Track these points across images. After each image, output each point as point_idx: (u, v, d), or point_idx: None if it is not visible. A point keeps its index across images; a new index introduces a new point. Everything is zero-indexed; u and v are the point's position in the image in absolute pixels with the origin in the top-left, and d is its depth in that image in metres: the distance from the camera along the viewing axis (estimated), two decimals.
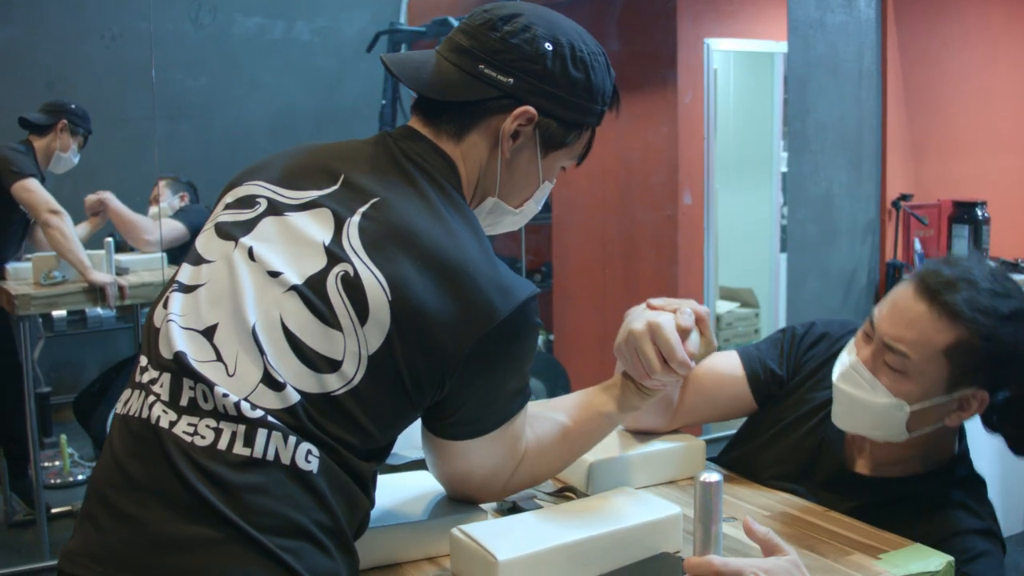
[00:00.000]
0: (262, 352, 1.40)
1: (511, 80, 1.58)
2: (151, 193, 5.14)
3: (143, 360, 1.47)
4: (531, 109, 1.59)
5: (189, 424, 1.37)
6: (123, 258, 4.93)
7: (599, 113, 1.67)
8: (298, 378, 1.40)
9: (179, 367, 1.41)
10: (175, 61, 5.73)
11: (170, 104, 5.13)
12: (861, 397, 1.81)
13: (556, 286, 5.56)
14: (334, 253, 1.45)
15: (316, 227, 1.49)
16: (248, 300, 1.44)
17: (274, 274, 1.45)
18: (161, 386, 1.41)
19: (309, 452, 1.37)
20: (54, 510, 5.02)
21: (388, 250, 1.45)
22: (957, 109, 4.78)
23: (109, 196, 5.00)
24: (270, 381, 1.39)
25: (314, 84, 6.67)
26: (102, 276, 4.58)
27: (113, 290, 4.56)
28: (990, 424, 1.91)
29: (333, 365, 1.41)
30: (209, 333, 1.43)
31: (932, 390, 1.79)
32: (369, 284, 1.42)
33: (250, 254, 1.48)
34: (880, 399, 1.79)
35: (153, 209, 5.08)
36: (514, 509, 1.80)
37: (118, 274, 4.71)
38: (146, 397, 1.42)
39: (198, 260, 1.53)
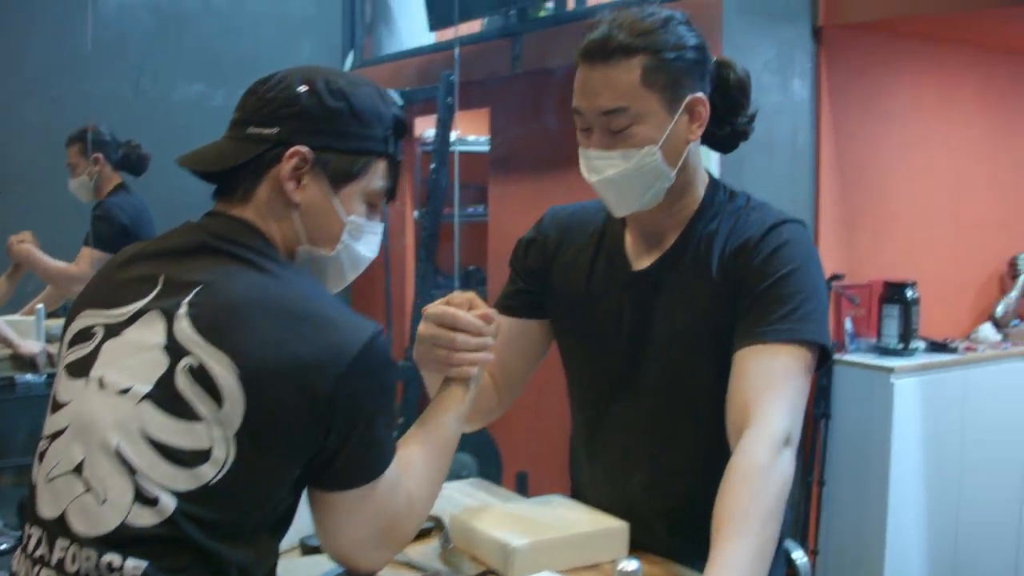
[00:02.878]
0: (132, 470, 1.46)
1: (276, 129, 1.64)
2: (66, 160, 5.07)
3: (28, 517, 1.55)
4: (301, 148, 1.64)
5: None
6: (54, 324, 4.88)
7: (381, 138, 1.71)
8: (174, 480, 1.45)
9: (56, 527, 1.48)
10: (115, 125, 5.71)
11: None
12: (622, 173, 1.91)
13: (491, 295, 5.53)
14: (173, 350, 1.50)
15: (149, 332, 1.53)
16: (106, 424, 1.49)
17: (124, 391, 1.50)
18: (43, 546, 1.49)
19: None
20: None
21: (224, 327, 1.49)
22: (890, 188, 4.84)
23: (29, 249, 4.94)
24: (143, 499, 1.44)
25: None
26: (31, 346, 4.54)
27: (43, 358, 4.52)
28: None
29: (203, 456, 1.46)
30: (79, 468, 1.49)
31: (662, 117, 1.89)
32: (214, 368, 1.47)
33: (100, 383, 1.53)
34: (635, 160, 1.89)
35: (74, 182, 5.01)
36: None
37: (49, 341, 4.66)
38: (32, 567, 1.50)
39: (56, 407, 1.58)
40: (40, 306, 4.78)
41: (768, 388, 1.77)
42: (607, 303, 2.09)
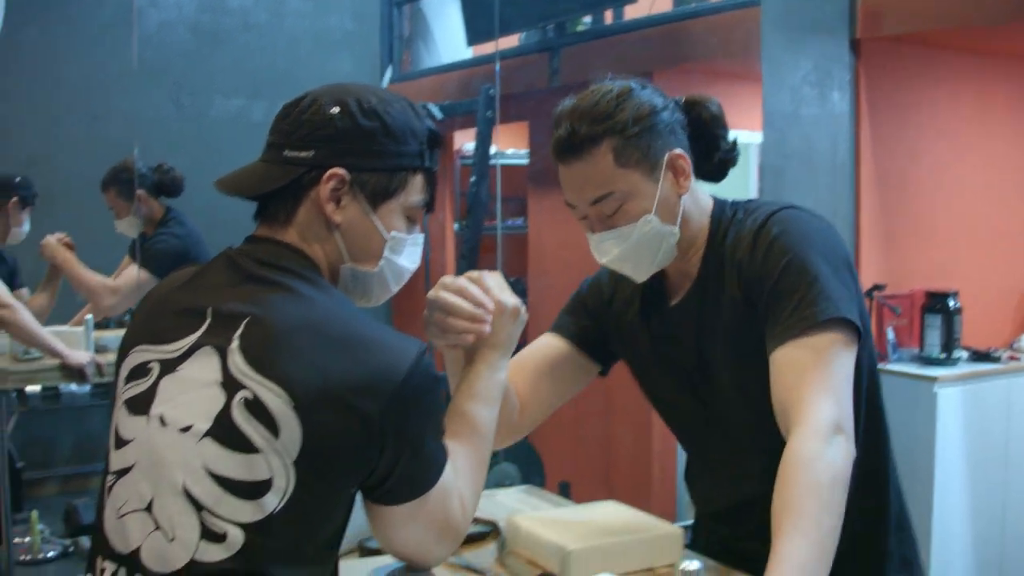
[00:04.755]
0: (199, 507, 1.49)
1: (311, 152, 1.66)
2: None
3: (99, 550, 1.58)
4: (339, 170, 1.66)
5: None
6: (102, 336, 4.93)
7: (417, 153, 1.73)
8: (239, 513, 1.48)
9: (132, 563, 1.51)
10: (155, 141, 5.77)
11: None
12: (627, 248, 1.96)
13: (531, 308, 5.55)
14: (229, 385, 1.52)
15: (204, 369, 1.55)
16: (172, 463, 1.52)
17: (185, 429, 1.53)
18: None
19: None
20: None
21: (273, 357, 1.52)
22: (930, 199, 4.84)
23: (68, 254, 4.97)
24: (210, 535, 1.48)
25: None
26: (79, 356, 4.57)
27: (91, 369, 4.55)
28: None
29: (265, 486, 1.48)
30: (149, 507, 1.53)
31: (647, 187, 1.93)
32: (269, 400, 1.49)
33: (162, 421, 1.56)
34: (636, 232, 1.94)
35: (121, 223, 5.07)
36: None
37: (97, 351, 4.70)
38: None
39: (120, 443, 1.61)
40: (89, 316, 4.83)
41: (802, 383, 1.77)
42: (663, 347, 2.14)
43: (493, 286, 1.88)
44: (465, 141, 7.05)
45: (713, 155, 2.06)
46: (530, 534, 2.04)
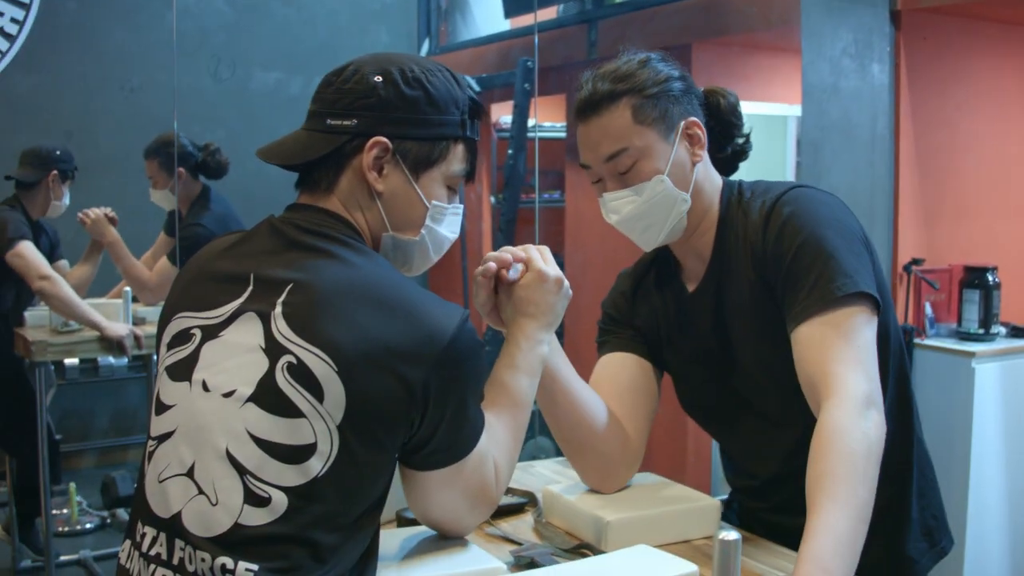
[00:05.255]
0: (242, 472, 1.49)
1: (354, 121, 1.67)
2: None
3: (141, 516, 1.59)
4: (381, 138, 1.67)
5: None
6: (141, 308, 4.95)
7: (458, 122, 1.73)
8: (283, 477, 1.49)
9: (173, 527, 1.52)
10: (193, 114, 5.79)
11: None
12: (639, 207, 1.98)
13: (569, 279, 5.54)
14: (272, 350, 1.53)
15: (248, 334, 1.56)
16: (214, 428, 1.53)
17: (228, 394, 1.54)
18: (160, 545, 1.53)
19: None
20: (62, 557, 5.02)
21: (317, 322, 1.52)
22: (969, 174, 4.80)
23: (118, 239, 4.99)
24: (254, 499, 1.48)
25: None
26: (118, 329, 4.58)
27: (130, 341, 4.57)
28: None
29: (310, 450, 1.49)
30: (191, 472, 1.53)
31: (662, 148, 1.97)
32: (313, 364, 1.50)
33: (204, 386, 1.57)
34: (646, 191, 1.96)
35: (157, 194, 5.06)
36: (531, 565, 1.82)
37: (135, 324, 4.71)
38: (146, 565, 1.54)
39: (161, 408, 1.62)
40: (127, 289, 4.86)
41: (829, 358, 1.77)
42: (684, 333, 2.15)
43: (535, 255, 1.90)
44: (502, 114, 7.03)
45: (726, 146, 2.10)
46: (567, 505, 2.05)
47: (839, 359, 1.76)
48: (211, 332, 1.60)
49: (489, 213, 6.99)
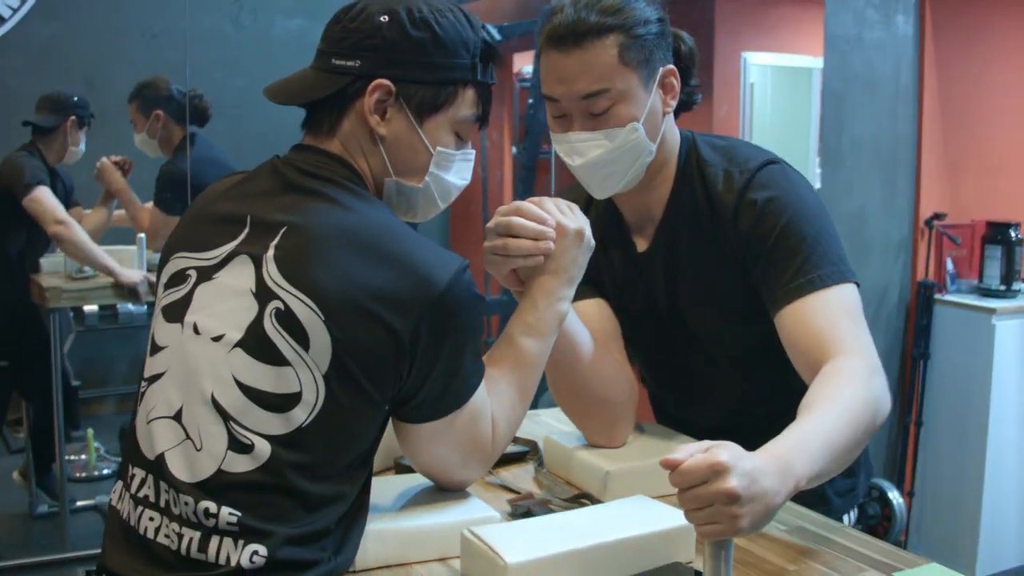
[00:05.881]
0: (227, 418, 1.47)
1: (358, 62, 1.62)
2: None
3: (131, 457, 1.58)
4: (384, 81, 1.61)
5: (167, 527, 1.48)
6: (156, 255, 4.94)
7: (468, 66, 1.67)
8: (267, 425, 1.46)
9: (158, 469, 1.51)
10: (214, 61, 5.75)
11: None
12: (607, 153, 1.87)
13: None
14: (262, 295, 1.50)
15: (240, 277, 1.53)
16: (202, 372, 1.50)
17: (217, 338, 1.51)
18: (148, 487, 1.52)
19: (255, 553, 1.43)
20: (78, 503, 5.05)
21: (308, 269, 1.49)
22: (994, 128, 4.74)
23: (126, 187, 4.97)
24: (237, 446, 1.46)
25: None
26: (132, 275, 4.58)
27: (144, 287, 4.56)
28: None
29: (294, 399, 1.46)
30: (178, 416, 1.51)
31: (641, 94, 1.86)
32: (300, 312, 1.47)
33: (195, 329, 1.54)
34: (619, 139, 1.85)
35: (138, 138, 5.06)
36: (528, 514, 1.80)
37: (150, 270, 4.71)
38: (135, 507, 1.53)
39: (155, 349, 1.60)
40: (141, 235, 4.84)
41: (830, 330, 1.72)
42: (632, 290, 2.09)
43: (552, 209, 1.81)
44: (524, 63, 6.97)
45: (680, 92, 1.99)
46: (568, 454, 2.02)
47: (839, 330, 1.73)
48: (206, 274, 1.58)
49: (510, 163, 6.95)
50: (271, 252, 1.52)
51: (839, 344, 1.70)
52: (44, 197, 4.58)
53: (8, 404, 5.00)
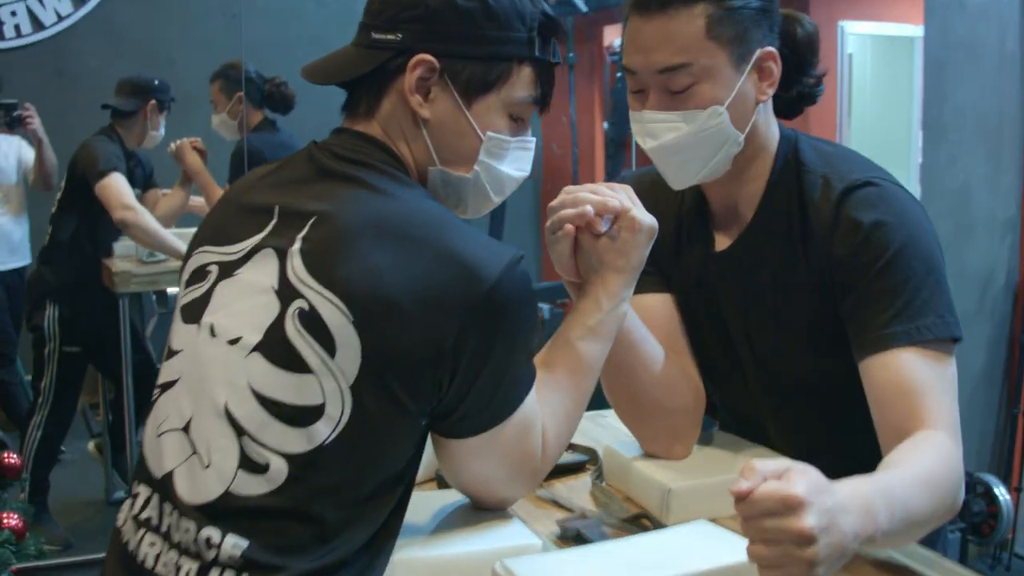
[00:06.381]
0: (240, 432, 1.31)
1: (399, 35, 1.46)
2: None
3: (138, 473, 1.43)
4: (426, 56, 1.44)
5: (166, 555, 1.33)
6: None
7: (524, 40, 1.49)
8: (284, 441, 1.30)
9: (164, 489, 1.36)
10: (297, 39, 5.67)
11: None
12: (685, 137, 1.65)
13: None
14: (284, 293, 1.34)
15: (262, 273, 1.38)
16: (215, 379, 1.35)
17: (234, 341, 1.35)
18: (152, 508, 1.37)
19: None
20: None
21: (336, 263, 1.32)
22: None
23: (203, 168, 4.95)
24: (250, 465, 1.30)
25: None
26: None
27: None
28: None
29: (316, 412, 1.30)
30: (188, 427, 1.36)
31: (729, 75, 1.64)
32: (326, 312, 1.30)
33: (211, 331, 1.39)
34: (698, 122, 1.64)
35: (216, 118, 5.08)
36: (578, 538, 1.62)
37: None
38: (136, 530, 1.38)
39: (169, 354, 1.46)
40: None
41: (922, 395, 1.53)
42: (701, 290, 1.87)
43: (625, 199, 1.60)
44: (615, 36, 6.81)
45: (793, 85, 1.76)
46: (627, 467, 1.82)
47: (938, 396, 1.54)
48: (227, 270, 1.42)
49: (601, 139, 6.83)
50: (297, 245, 1.35)
51: (930, 414, 1.52)
52: (114, 183, 4.54)
53: (81, 388, 4.97)
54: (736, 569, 1.41)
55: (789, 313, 1.75)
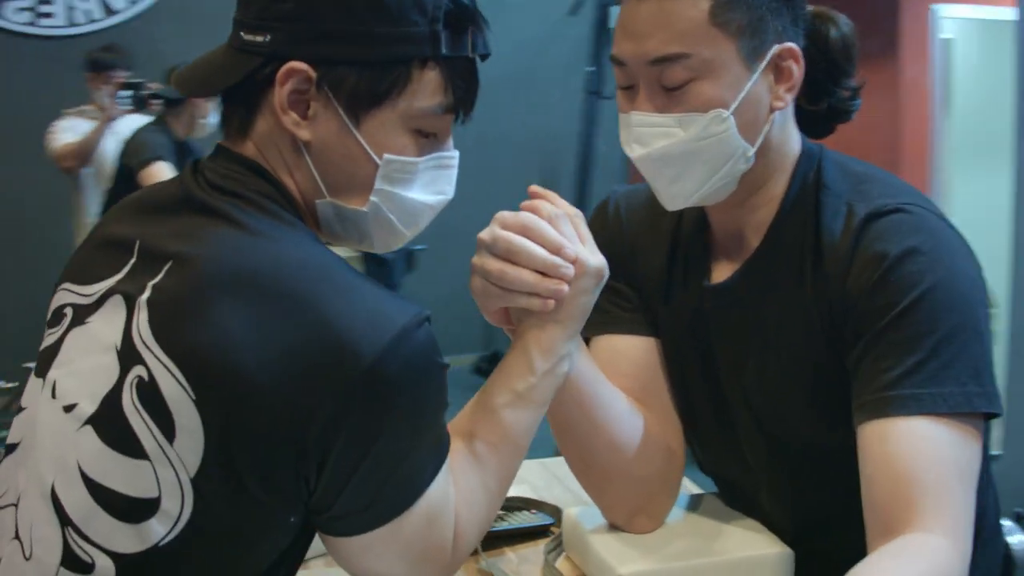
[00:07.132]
0: (65, 521, 1.08)
1: (268, 36, 1.15)
2: None
3: None
4: (299, 64, 1.15)
5: None
6: None
7: (425, 36, 1.17)
8: (112, 538, 1.06)
9: None
10: None
11: None
12: (679, 144, 1.33)
13: None
14: (126, 354, 1.09)
15: (109, 325, 1.12)
16: (46, 453, 1.12)
17: (70, 408, 1.11)
18: None
19: None
20: None
21: (183, 324, 1.06)
22: None
23: None
24: (73, 562, 1.07)
25: (517, 52, 6.29)
26: None
27: None
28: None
29: (150, 507, 1.05)
30: (17, 504, 1.14)
31: (736, 72, 1.33)
32: (166, 386, 1.05)
33: (53, 391, 1.15)
34: (696, 128, 1.32)
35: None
36: None
37: None
38: None
39: (19, 409, 1.23)
40: None
41: (921, 483, 1.20)
42: (692, 333, 1.54)
43: (571, 233, 1.27)
44: None
45: (823, 97, 1.45)
46: (584, 541, 1.51)
47: (943, 487, 1.21)
48: (80, 315, 1.18)
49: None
50: (146, 294, 1.10)
51: (926, 511, 1.19)
52: (157, 173, 4.48)
53: None
54: None
55: (793, 365, 1.41)
